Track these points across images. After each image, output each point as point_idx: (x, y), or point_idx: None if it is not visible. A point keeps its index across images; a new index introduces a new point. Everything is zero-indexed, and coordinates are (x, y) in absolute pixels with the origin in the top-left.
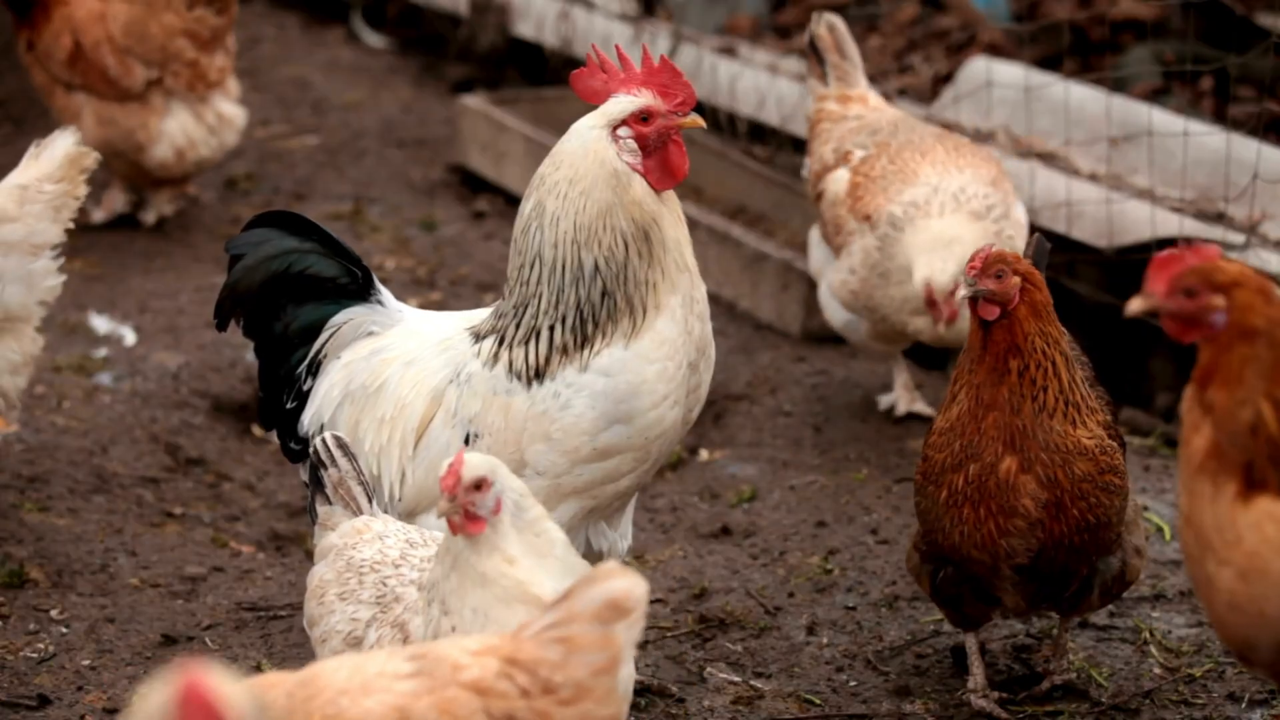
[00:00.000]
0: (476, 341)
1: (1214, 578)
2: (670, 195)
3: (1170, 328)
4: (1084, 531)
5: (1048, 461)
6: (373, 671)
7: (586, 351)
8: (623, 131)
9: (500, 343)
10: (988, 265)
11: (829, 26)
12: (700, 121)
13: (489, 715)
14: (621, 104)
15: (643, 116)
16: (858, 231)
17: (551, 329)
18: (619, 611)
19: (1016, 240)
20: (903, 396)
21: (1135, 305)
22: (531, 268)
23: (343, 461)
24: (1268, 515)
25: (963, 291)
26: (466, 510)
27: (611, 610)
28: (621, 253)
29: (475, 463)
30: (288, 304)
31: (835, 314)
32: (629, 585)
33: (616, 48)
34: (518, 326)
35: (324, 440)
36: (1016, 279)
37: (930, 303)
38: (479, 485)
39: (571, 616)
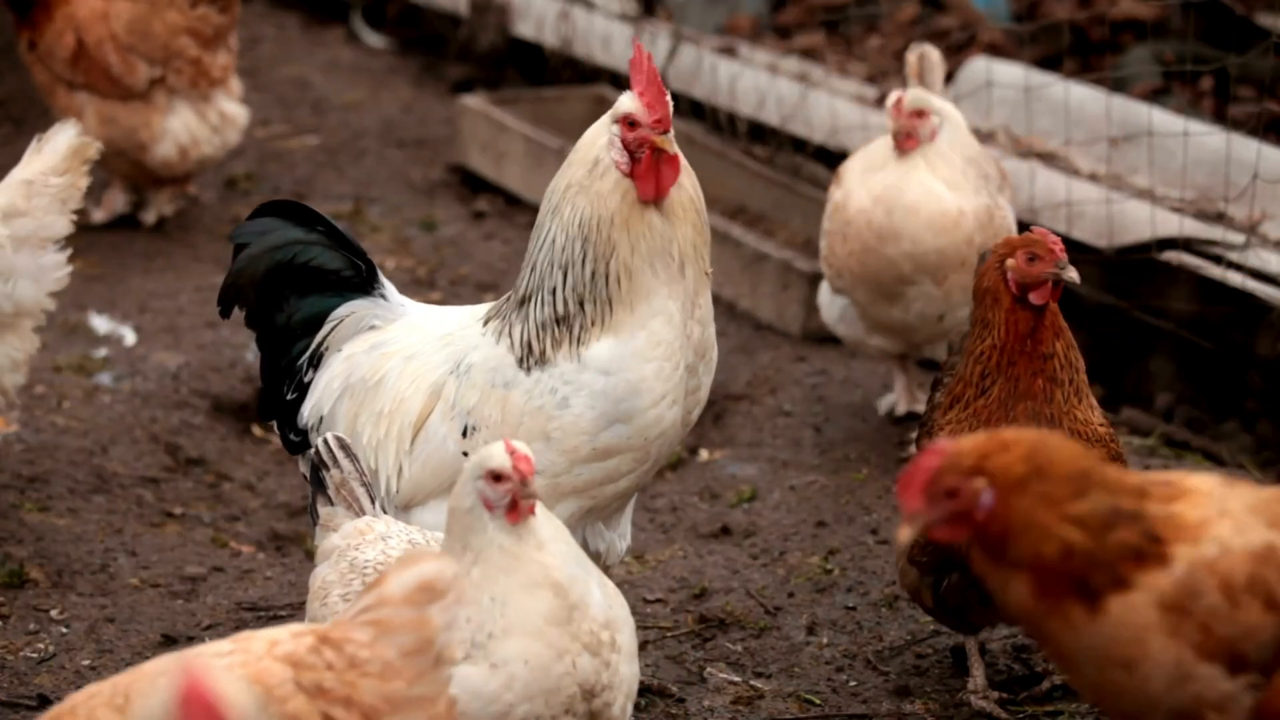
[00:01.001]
0: (485, 324)
1: (1100, 683)
2: (681, 203)
3: (946, 534)
4: None
5: None
6: (193, 653)
7: (578, 328)
8: (613, 129)
9: (513, 309)
10: (1063, 248)
11: (921, 55)
12: (670, 145)
13: (299, 684)
14: (620, 103)
15: (630, 121)
16: (830, 196)
17: (553, 292)
18: (430, 593)
19: (1008, 218)
20: (903, 397)
21: (905, 535)
22: (539, 230)
23: (345, 463)
24: (1125, 606)
25: (1071, 275)
26: (516, 497)
27: (423, 592)
28: (593, 230)
29: (530, 450)
30: (291, 295)
31: (829, 309)
32: (440, 567)
33: (637, 46)
34: (525, 289)
35: (326, 441)
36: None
37: (896, 105)
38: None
39: (384, 600)
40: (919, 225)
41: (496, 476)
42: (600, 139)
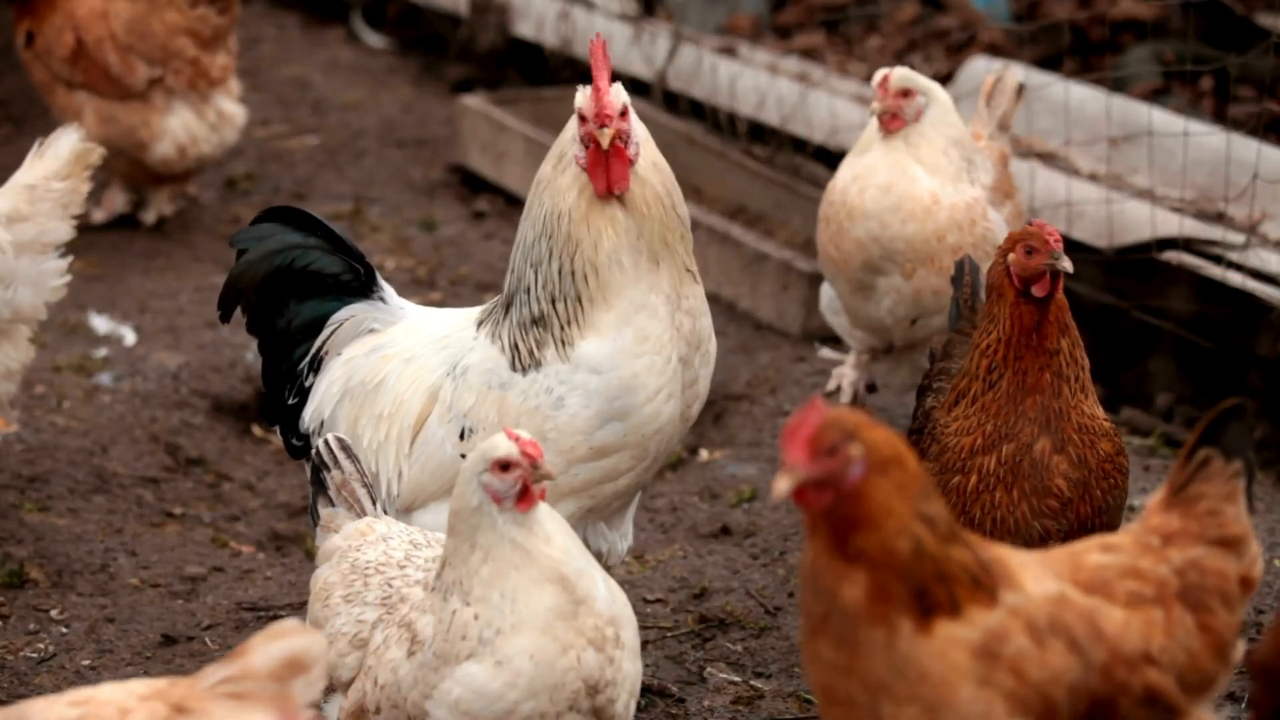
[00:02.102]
0: (478, 327)
1: (893, 719)
2: (645, 199)
3: (811, 499)
4: (1102, 513)
5: (1079, 442)
6: (37, 714)
7: (558, 328)
8: (575, 124)
9: (500, 312)
10: (1059, 240)
11: (999, 77)
12: (604, 139)
13: None
14: (576, 98)
15: (581, 116)
16: None
17: (528, 291)
18: (296, 669)
19: (993, 229)
20: (848, 375)
21: (782, 486)
22: (518, 231)
23: (346, 464)
24: (949, 641)
25: (1065, 265)
26: (527, 482)
27: (288, 668)
28: (554, 225)
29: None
30: (290, 299)
31: (823, 295)
32: (308, 643)
33: (597, 46)
34: (508, 292)
35: (327, 442)
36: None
37: (882, 84)
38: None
39: (247, 672)
40: (888, 205)
41: (505, 466)
42: (567, 134)
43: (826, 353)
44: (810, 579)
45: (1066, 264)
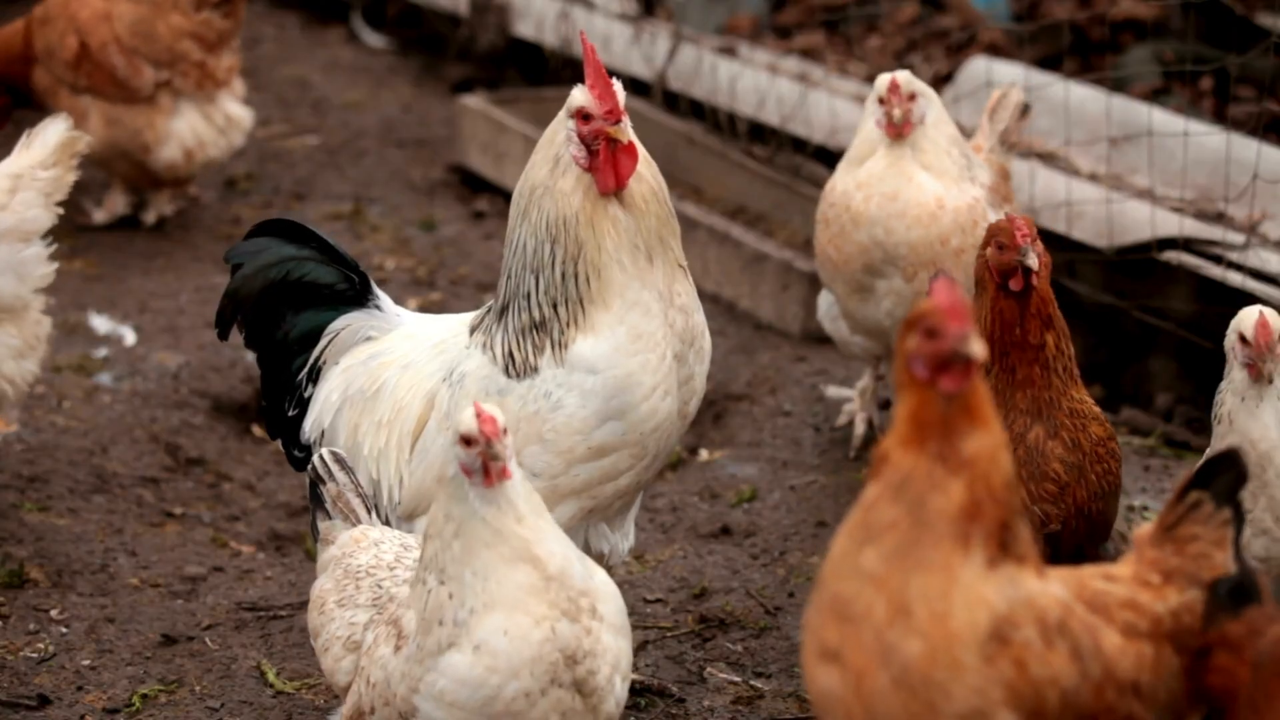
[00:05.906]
0: (471, 334)
1: (894, 647)
2: (642, 195)
3: (956, 378)
4: (1099, 499)
5: (1071, 426)
6: None
7: (556, 332)
8: (570, 124)
9: (494, 320)
10: (1033, 231)
11: (1004, 93)
12: (623, 135)
13: None
14: (572, 98)
15: (583, 115)
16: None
17: (528, 297)
18: None
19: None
20: (857, 401)
21: (978, 348)
22: (510, 236)
23: (340, 475)
24: (981, 602)
25: (1030, 261)
26: (485, 459)
27: None
28: (560, 230)
29: (498, 412)
30: (287, 311)
31: (820, 301)
32: None
33: (583, 38)
34: (504, 298)
35: (321, 456)
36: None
37: (894, 89)
38: (505, 431)
39: None
40: (893, 211)
41: (467, 440)
42: (558, 136)
43: (834, 391)
44: (897, 486)
45: (1032, 260)
